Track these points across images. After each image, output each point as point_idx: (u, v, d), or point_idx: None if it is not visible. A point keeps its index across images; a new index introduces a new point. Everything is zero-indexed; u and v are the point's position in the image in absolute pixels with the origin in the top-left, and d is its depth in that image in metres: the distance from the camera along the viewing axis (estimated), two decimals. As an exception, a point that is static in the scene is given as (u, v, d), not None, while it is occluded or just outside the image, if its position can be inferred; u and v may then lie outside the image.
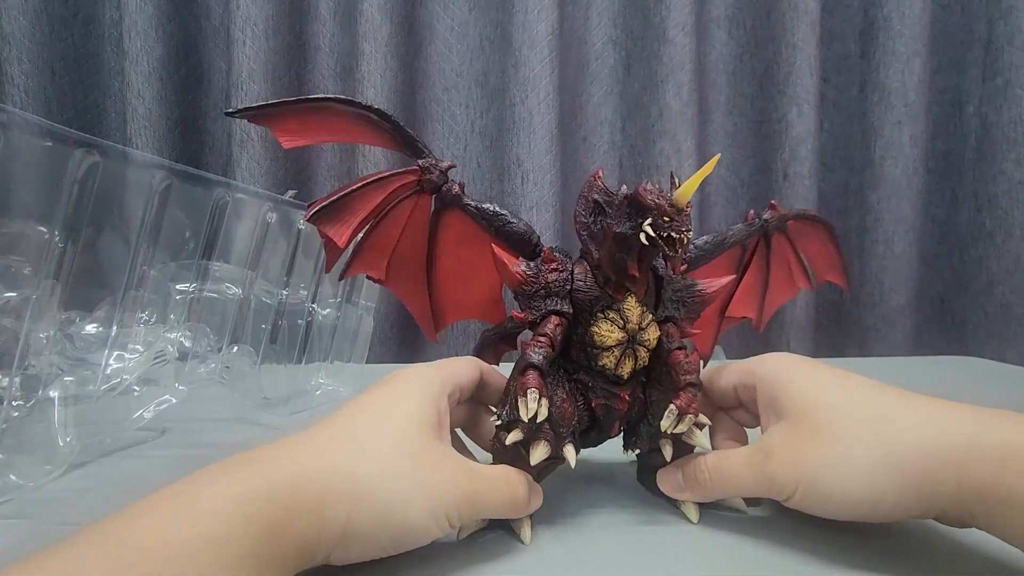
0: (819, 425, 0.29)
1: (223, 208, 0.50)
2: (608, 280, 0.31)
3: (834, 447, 0.28)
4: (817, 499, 0.28)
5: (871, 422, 0.28)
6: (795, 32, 0.90)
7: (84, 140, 0.38)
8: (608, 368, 0.32)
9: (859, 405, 0.29)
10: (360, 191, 0.33)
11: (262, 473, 0.24)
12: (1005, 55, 0.91)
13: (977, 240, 0.96)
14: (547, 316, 0.31)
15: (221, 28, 0.90)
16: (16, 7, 0.84)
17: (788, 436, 0.30)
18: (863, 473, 0.27)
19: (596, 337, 0.31)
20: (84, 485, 0.39)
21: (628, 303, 0.31)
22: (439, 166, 0.34)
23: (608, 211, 0.30)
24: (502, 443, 0.31)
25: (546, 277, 0.32)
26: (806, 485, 0.28)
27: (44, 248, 0.37)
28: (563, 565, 0.29)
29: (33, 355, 0.39)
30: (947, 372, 0.78)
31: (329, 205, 0.33)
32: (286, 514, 0.23)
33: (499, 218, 0.33)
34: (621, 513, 0.34)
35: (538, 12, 0.86)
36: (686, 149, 0.91)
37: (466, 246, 0.35)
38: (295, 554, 0.24)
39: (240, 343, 0.52)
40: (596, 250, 0.31)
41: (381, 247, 0.35)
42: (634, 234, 0.29)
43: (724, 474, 0.31)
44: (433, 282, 0.36)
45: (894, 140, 0.92)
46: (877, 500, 0.27)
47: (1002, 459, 0.25)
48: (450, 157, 0.94)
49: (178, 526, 0.21)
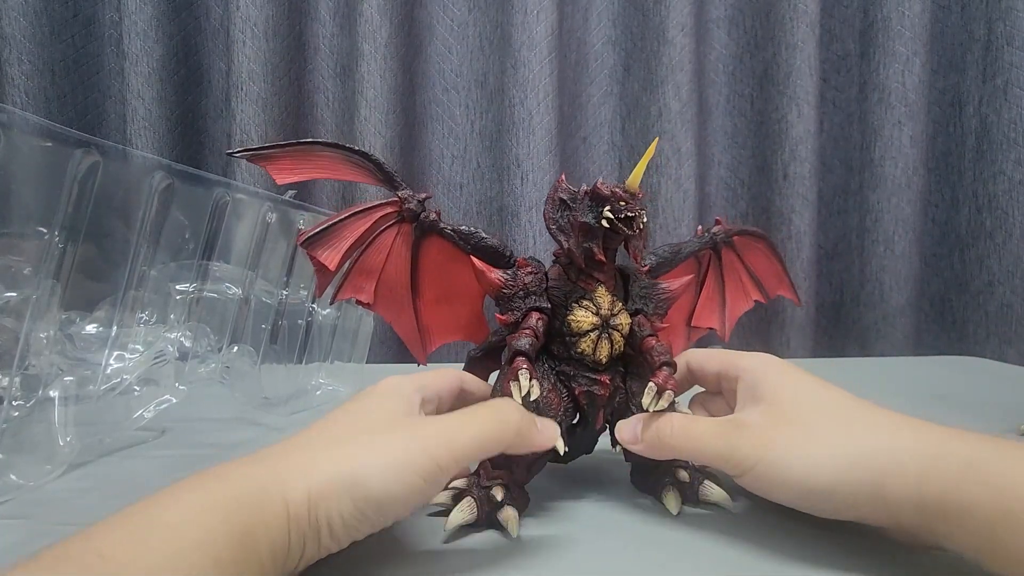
0: (792, 415, 0.30)
1: (223, 208, 0.50)
2: (580, 272, 0.35)
3: (802, 435, 0.29)
4: (774, 479, 0.29)
5: (842, 423, 0.30)
6: (795, 32, 0.90)
7: (84, 140, 0.38)
8: (587, 353, 0.34)
9: (834, 407, 0.31)
10: (347, 220, 0.36)
11: (230, 482, 0.25)
12: (1005, 55, 0.91)
13: (977, 240, 0.96)
14: (528, 313, 0.35)
15: (221, 28, 0.91)
16: (16, 8, 0.84)
17: (761, 417, 0.31)
18: (824, 463, 0.28)
19: (573, 324, 0.34)
20: (84, 485, 0.39)
21: (599, 292, 0.35)
22: (416, 196, 0.37)
23: (572, 206, 0.34)
24: None
25: (523, 279, 0.35)
26: (767, 463, 0.29)
27: (44, 248, 0.37)
28: (551, 563, 0.29)
29: (33, 355, 0.39)
30: (947, 372, 0.78)
31: (319, 233, 0.36)
32: (256, 516, 0.23)
33: (474, 236, 0.36)
34: (610, 511, 0.35)
35: (537, 13, 0.86)
36: (685, 149, 0.91)
37: (447, 269, 0.38)
38: (270, 556, 0.24)
39: (240, 343, 0.52)
40: (565, 241, 0.34)
41: (368, 273, 0.37)
42: (596, 221, 0.32)
43: (690, 435, 0.32)
44: (418, 306, 0.39)
45: (894, 140, 0.93)
46: (831, 491, 0.28)
47: (963, 471, 0.25)
48: (450, 157, 0.94)
49: (152, 535, 0.21)
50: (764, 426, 0.31)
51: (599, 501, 0.36)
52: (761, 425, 0.31)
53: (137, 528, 0.22)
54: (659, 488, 0.35)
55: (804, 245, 0.92)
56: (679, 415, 0.33)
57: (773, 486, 0.30)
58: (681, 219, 0.91)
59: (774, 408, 0.31)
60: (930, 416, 0.29)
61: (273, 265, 0.55)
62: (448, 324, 0.40)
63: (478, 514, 0.32)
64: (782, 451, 0.29)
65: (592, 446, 0.38)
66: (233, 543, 0.22)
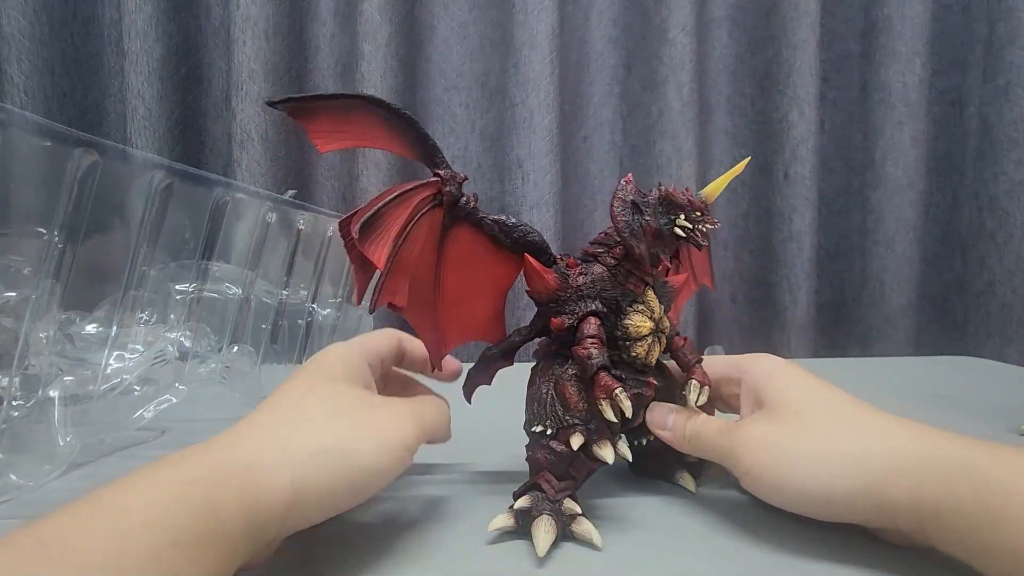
0: (790, 417, 0.31)
1: (223, 208, 0.50)
2: (629, 275, 0.33)
3: (799, 438, 0.30)
4: (771, 483, 0.30)
5: (839, 425, 0.30)
6: (795, 32, 0.90)
7: (84, 140, 0.38)
8: (640, 357, 0.33)
9: (831, 409, 0.31)
10: (391, 205, 0.30)
11: (185, 461, 0.25)
12: (1006, 55, 0.91)
13: (978, 240, 0.95)
14: (585, 318, 0.32)
15: (221, 28, 0.90)
16: (16, 7, 0.84)
17: (760, 419, 0.32)
18: (822, 467, 0.28)
19: (631, 329, 0.33)
20: (84, 485, 0.39)
21: (649, 295, 0.34)
22: (457, 178, 0.32)
23: (644, 210, 0.32)
24: (554, 451, 0.32)
25: (575, 281, 0.33)
26: (762, 467, 0.30)
27: (44, 248, 0.37)
28: (558, 559, 0.29)
29: (33, 355, 0.39)
30: (947, 372, 0.78)
31: (366, 221, 0.29)
32: (219, 491, 0.23)
33: (518, 229, 0.34)
34: (612, 502, 0.35)
35: (538, 12, 0.86)
36: (686, 149, 0.91)
37: (471, 263, 0.34)
38: (244, 530, 0.23)
39: (240, 343, 0.52)
40: (638, 245, 0.32)
41: (404, 271, 0.31)
42: (669, 228, 0.32)
43: (700, 435, 0.33)
44: (437, 304, 0.34)
45: (895, 140, 0.92)
46: (829, 495, 0.28)
47: (955, 473, 0.25)
48: (451, 157, 0.94)
49: (97, 517, 0.21)
50: (760, 428, 0.31)
51: (603, 488, 0.37)
52: (757, 426, 0.31)
53: (81, 513, 0.21)
54: (673, 471, 0.37)
55: (805, 245, 0.92)
56: (698, 418, 0.34)
57: (770, 490, 0.30)
58: (682, 219, 0.91)
59: (773, 411, 0.32)
60: (931, 416, 0.29)
61: (273, 265, 0.54)
62: (466, 323, 0.36)
63: (558, 529, 0.30)
64: (775, 453, 0.30)
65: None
66: (195, 521, 0.22)
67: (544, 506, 0.31)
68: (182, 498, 0.22)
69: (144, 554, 0.20)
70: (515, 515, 0.31)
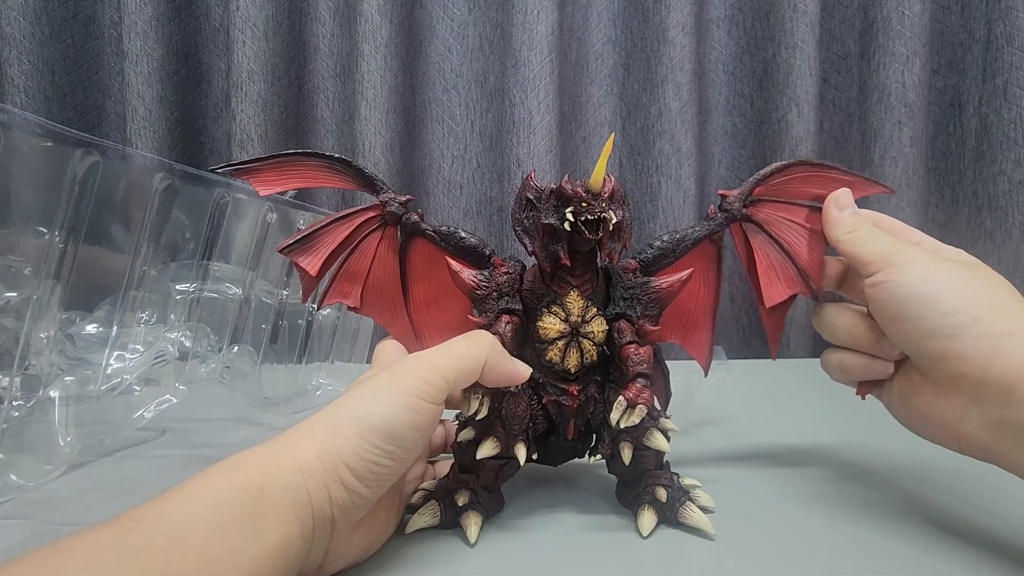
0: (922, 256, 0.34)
1: (223, 208, 0.50)
2: (553, 275, 0.33)
3: (926, 262, 0.33)
4: (894, 285, 0.32)
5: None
6: (794, 32, 0.90)
7: (84, 140, 0.38)
8: (555, 362, 0.33)
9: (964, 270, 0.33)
10: (328, 227, 0.37)
11: (229, 463, 0.25)
12: (1005, 55, 0.91)
13: (977, 240, 0.95)
14: (499, 316, 0.34)
15: (221, 28, 0.91)
16: (16, 8, 0.84)
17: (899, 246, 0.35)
18: (938, 280, 0.31)
19: (540, 331, 0.33)
20: (84, 485, 0.39)
21: (570, 297, 0.33)
22: (398, 199, 0.37)
23: (538, 206, 0.32)
24: (458, 442, 0.33)
25: (497, 280, 0.34)
26: (893, 268, 0.32)
27: (44, 248, 0.37)
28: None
29: (33, 355, 0.39)
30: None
31: (299, 240, 0.36)
32: (266, 474, 0.25)
33: (453, 236, 0.36)
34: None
35: (538, 13, 0.86)
36: (685, 149, 0.91)
37: (434, 270, 0.37)
38: (291, 507, 0.24)
39: (240, 343, 0.52)
40: (531, 244, 0.33)
41: (353, 278, 0.38)
42: (560, 223, 0.31)
43: (868, 226, 0.37)
44: (410, 309, 0.39)
45: (894, 140, 0.93)
46: (935, 302, 0.30)
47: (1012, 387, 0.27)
48: (450, 157, 0.94)
49: (182, 509, 0.23)
50: (902, 247, 0.34)
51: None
52: (901, 246, 0.34)
53: (164, 497, 0.23)
54: (636, 504, 0.33)
55: (804, 245, 0.92)
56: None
57: (892, 292, 0.32)
58: (681, 219, 0.91)
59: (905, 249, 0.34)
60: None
61: (273, 265, 0.55)
62: (440, 325, 0.40)
63: (441, 517, 0.32)
64: (910, 264, 0.32)
65: (577, 454, 0.37)
66: (247, 499, 0.23)
67: (440, 494, 0.33)
68: (230, 479, 0.24)
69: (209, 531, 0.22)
70: (423, 496, 0.34)
